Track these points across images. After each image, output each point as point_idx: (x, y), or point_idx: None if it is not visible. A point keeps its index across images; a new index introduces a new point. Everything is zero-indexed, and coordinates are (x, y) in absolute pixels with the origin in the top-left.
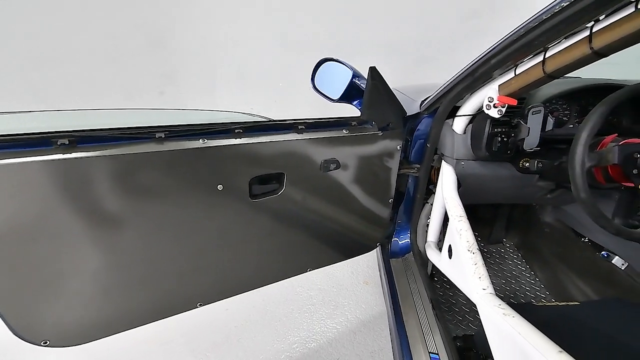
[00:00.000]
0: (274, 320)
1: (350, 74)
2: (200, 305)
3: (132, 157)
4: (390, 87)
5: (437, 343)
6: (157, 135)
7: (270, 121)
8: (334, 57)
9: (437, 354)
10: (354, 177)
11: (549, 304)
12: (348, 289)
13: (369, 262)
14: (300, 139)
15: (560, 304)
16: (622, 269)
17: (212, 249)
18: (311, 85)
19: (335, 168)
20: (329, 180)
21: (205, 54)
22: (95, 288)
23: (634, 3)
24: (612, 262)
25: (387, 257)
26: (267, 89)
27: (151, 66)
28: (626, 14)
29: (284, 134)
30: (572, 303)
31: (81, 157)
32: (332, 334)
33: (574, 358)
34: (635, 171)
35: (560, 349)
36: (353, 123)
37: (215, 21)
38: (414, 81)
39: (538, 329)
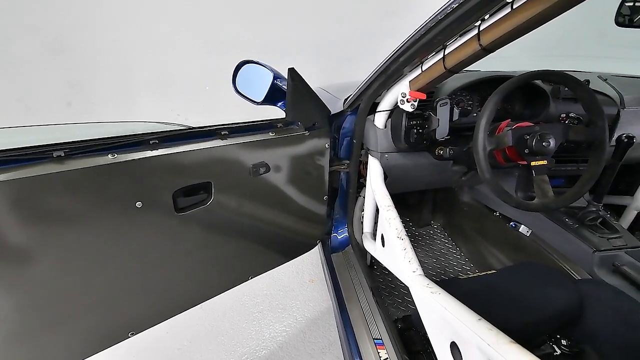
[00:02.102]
0: (220, 335)
1: (271, 75)
2: (133, 334)
3: (25, 182)
4: (317, 87)
5: (380, 328)
6: (55, 154)
7: (189, 129)
8: (254, 60)
9: (381, 339)
10: (286, 178)
11: (472, 275)
12: (295, 290)
13: (312, 260)
14: (224, 145)
15: (480, 274)
16: (528, 235)
17: (138, 272)
18: (233, 88)
19: (266, 171)
20: (260, 184)
21: (119, 57)
22: (2, 336)
23: (510, 4)
24: (519, 230)
25: (328, 252)
26: (193, 94)
27: (53, 74)
28: (505, 13)
29: (206, 141)
30: (490, 272)
31: None
32: (282, 337)
33: (491, 321)
34: (526, 150)
35: (480, 317)
36: (279, 125)
37: (129, 21)
38: (338, 80)
39: (462, 300)
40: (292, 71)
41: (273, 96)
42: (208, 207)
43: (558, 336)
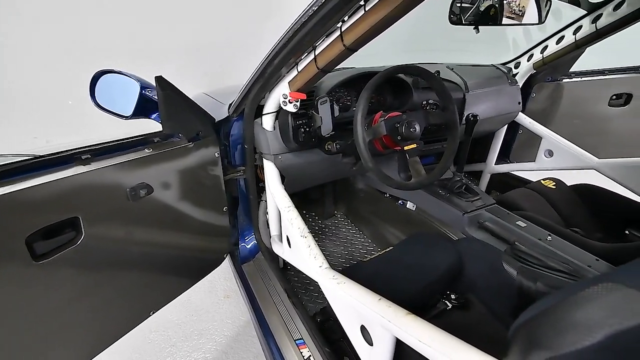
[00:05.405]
0: None
1: (137, 86)
2: None
3: None
4: (200, 92)
5: (299, 328)
6: None
7: (36, 158)
8: (114, 69)
9: (302, 338)
10: (176, 195)
11: (373, 256)
12: (209, 311)
13: (225, 274)
14: (87, 171)
15: (381, 253)
16: (414, 210)
17: None
18: (92, 103)
19: (148, 193)
20: (145, 208)
21: None
22: None
23: (363, 6)
24: (407, 207)
25: (239, 263)
26: (53, 110)
27: None
28: (360, 15)
29: (63, 169)
30: (388, 249)
31: None
32: None
33: (393, 295)
34: (398, 137)
35: (380, 297)
36: (156, 139)
37: None
38: (226, 84)
39: (367, 283)
40: (160, 79)
41: (144, 108)
42: (79, 247)
43: (448, 292)
